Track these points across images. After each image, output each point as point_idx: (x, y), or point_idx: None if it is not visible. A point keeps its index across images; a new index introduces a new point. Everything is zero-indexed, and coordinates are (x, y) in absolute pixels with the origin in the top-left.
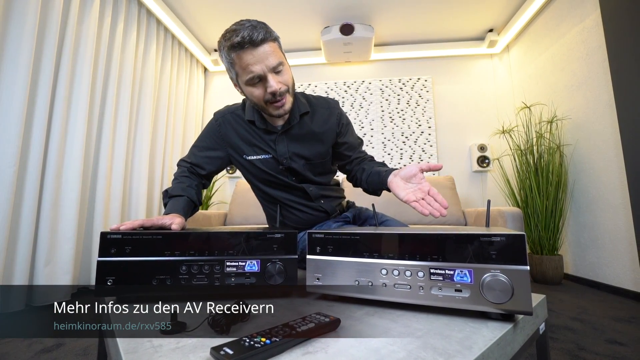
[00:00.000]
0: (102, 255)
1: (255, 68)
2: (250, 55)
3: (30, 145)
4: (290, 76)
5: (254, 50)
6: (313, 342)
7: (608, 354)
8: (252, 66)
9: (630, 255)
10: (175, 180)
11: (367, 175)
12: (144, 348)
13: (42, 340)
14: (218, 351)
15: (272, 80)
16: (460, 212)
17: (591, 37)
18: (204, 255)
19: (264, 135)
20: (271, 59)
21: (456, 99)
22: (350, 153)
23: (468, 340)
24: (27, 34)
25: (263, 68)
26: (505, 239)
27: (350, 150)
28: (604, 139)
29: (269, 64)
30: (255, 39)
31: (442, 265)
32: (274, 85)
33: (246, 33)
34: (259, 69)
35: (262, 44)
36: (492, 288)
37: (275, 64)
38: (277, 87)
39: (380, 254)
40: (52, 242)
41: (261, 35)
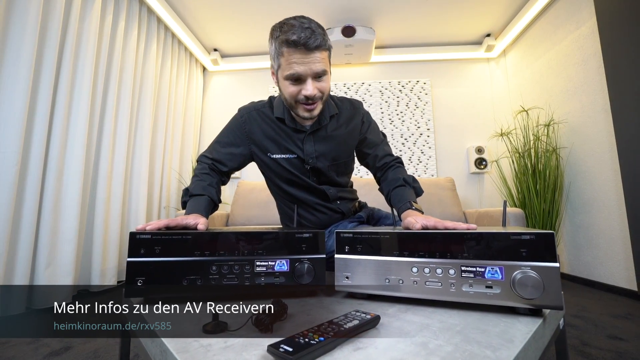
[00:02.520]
0: (132, 255)
1: (299, 68)
2: (299, 55)
3: (31, 146)
4: (328, 85)
5: (305, 53)
6: (360, 338)
7: (611, 349)
8: (298, 65)
9: (624, 254)
10: (196, 178)
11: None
12: (193, 348)
13: (48, 343)
14: (277, 348)
15: (310, 85)
16: (461, 213)
17: (587, 44)
18: (233, 255)
19: (292, 133)
20: (318, 65)
21: (454, 102)
22: (371, 150)
23: (506, 334)
24: (29, 32)
25: (307, 71)
26: (536, 238)
27: (370, 148)
28: (599, 143)
29: (314, 69)
30: (311, 45)
31: (473, 263)
32: (310, 89)
33: (304, 35)
34: (303, 70)
35: (315, 51)
36: (524, 284)
37: (320, 71)
38: (312, 92)
39: (410, 252)
40: (53, 243)
41: (317, 42)
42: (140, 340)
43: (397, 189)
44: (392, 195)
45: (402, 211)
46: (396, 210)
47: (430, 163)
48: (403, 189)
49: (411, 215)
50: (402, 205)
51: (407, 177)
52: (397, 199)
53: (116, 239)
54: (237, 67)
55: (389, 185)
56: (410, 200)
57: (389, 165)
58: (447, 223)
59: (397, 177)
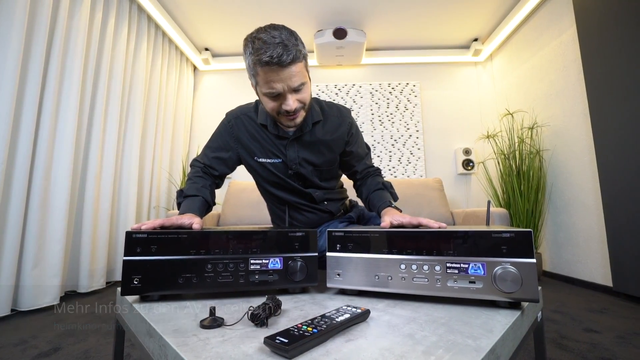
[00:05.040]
0: (128, 254)
1: (276, 86)
2: (275, 74)
3: (18, 144)
4: (308, 94)
5: (280, 70)
6: (351, 330)
7: (587, 341)
8: (275, 83)
9: (601, 252)
10: (190, 181)
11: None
12: (192, 341)
13: (37, 344)
14: (273, 340)
15: (290, 100)
16: (448, 212)
17: (568, 51)
18: (228, 253)
19: (275, 140)
20: (295, 79)
21: (443, 104)
22: (355, 163)
23: (487, 325)
24: (16, 28)
25: (284, 87)
26: (515, 235)
27: (356, 161)
28: (579, 146)
29: (291, 84)
30: (284, 61)
31: (458, 260)
32: (290, 104)
33: (276, 53)
34: (280, 88)
35: (290, 66)
36: (504, 279)
37: (297, 85)
38: (293, 106)
39: (399, 250)
40: (40, 243)
41: (291, 56)
42: (138, 337)
43: (376, 191)
44: (372, 197)
45: (381, 209)
46: (375, 209)
47: (419, 164)
48: (382, 192)
49: (389, 212)
50: (382, 204)
51: (386, 183)
52: (376, 199)
53: (105, 239)
54: (228, 66)
55: (369, 188)
56: (389, 200)
57: (370, 173)
58: (420, 220)
59: (377, 182)
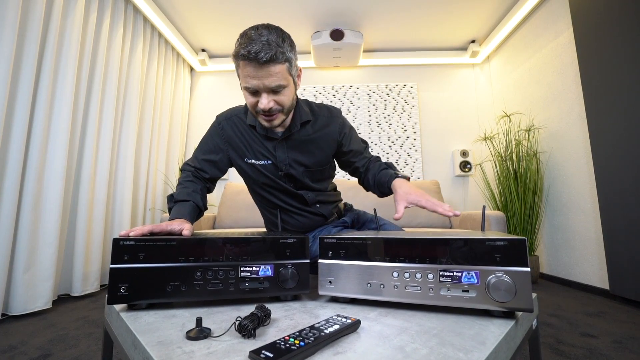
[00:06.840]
0: (115, 262)
1: (252, 82)
2: (251, 69)
3: (9, 146)
4: (289, 98)
5: (257, 67)
6: (340, 342)
7: (583, 346)
8: (251, 79)
9: (597, 255)
10: (180, 185)
11: (372, 183)
12: (176, 355)
13: (26, 351)
14: (258, 354)
15: (265, 99)
16: None
17: (565, 53)
18: (218, 260)
19: (264, 141)
20: (271, 79)
21: (440, 106)
22: (355, 159)
23: (480, 336)
24: (8, 28)
25: (259, 85)
26: (509, 243)
27: (355, 157)
28: (575, 148)
29: (267, 83)
30: (261, 58)
31: (451, 268)
32: (264, 102)
33: (254, 49)
34: (255, 84)
35: (267, 65)
36: (497, 288)
37: (274, 86)
38: (267, 106)
39: (391, 257)
40: (32, 247)
41: (269, 55)
42: (123, 347)
43: (381, 172)
44: (378, 178)
45: (390, 182)
46: (385, 187)
47: (416, 166)
48: (387, 170)
49: (400, 183)
50: (389, 178)
51: (388, 163)
52: (383, 177)
53: (100, 241)
54: (225, 67)
55: (373, 173)
56: (396, 172)
57: (371, 162)
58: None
59: (379, 165)
